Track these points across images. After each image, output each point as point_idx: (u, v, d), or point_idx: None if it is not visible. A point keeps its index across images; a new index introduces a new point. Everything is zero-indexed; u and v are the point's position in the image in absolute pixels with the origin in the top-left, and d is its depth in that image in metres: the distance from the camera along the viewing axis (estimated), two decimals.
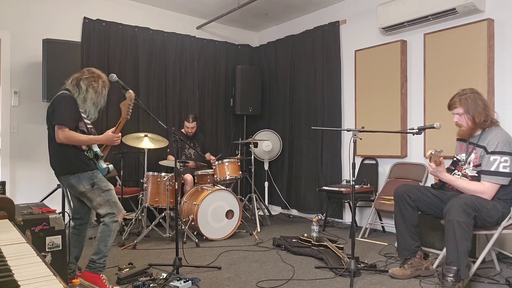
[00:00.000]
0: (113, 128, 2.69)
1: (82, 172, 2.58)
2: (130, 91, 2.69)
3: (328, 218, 4.77)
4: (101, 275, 2.63)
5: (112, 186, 2.72)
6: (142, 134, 4.37)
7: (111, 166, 2.80)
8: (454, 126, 2.91)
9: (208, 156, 4.95)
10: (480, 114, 2.70)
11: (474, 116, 2.71)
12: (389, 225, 4.32)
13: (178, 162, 4.30)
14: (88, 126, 2.72)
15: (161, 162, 4.56)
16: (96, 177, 2.63)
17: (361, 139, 3.16)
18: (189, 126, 4.88)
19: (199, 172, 4.50)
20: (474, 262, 2.73)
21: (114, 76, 2.67)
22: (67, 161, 2.58)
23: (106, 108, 4.92)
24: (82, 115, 2.69)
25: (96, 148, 2.71)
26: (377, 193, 4.32)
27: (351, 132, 2.90)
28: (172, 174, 4.07)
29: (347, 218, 4.95)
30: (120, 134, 2.71)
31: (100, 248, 2.64)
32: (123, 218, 4.53)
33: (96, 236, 2.67)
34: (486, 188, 2.63)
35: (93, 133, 2.75)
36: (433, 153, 2.63)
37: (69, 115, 2.55)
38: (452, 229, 2.48)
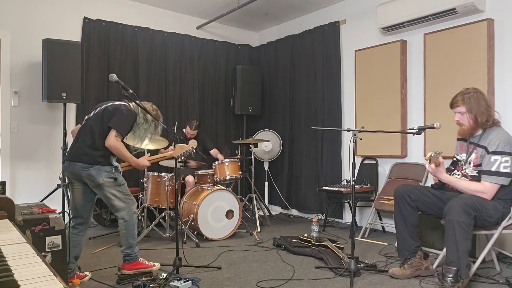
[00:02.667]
0: (151, 156, 2.86)
1: (103, 166, 2.69)
2: (195, 141, 2.95)
3: (328, 218, 4.77)
4: (139, 260, 2.85)
5: (125, 181, 2.85)
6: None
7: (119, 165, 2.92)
8: (454, 126, 2.91)
9: (215, 152, 4.86)
10: (483, 114, 2.70)
11: (477, 115, 2.71)
12: (389, 225, 4.32)
13: (179, 162, 4.29)
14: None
15: (161, 162, 4.55)
16: (115, 172, 2.75)
17: (361, 139, 3.16)
18: (190, 133, 4.85)
19: (199, 172, 4.50)
20: (474, 262, 2.72)
21: (114, 76, 2.68)
22: (93, 154, 2.68)
23: None
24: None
25: (115, 163, 2.81)
26: (377, 193, 4.32)
27: (351, 132, 2.90)
28: (172, 174, 4.07)
29: (347, 218, 4.95)
30: (149, 164, 2.90)
31: (130, 242, 2.81)
32: None
33: (120, 234, 2.81)
34: (486, 188, 2.62)
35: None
36: (432, 155, 2.63)
37: (128, 128, 2.75)
38: (452, 229, 2.48)
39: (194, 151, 2.94)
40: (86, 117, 2.83)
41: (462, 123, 2.80)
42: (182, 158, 2.91)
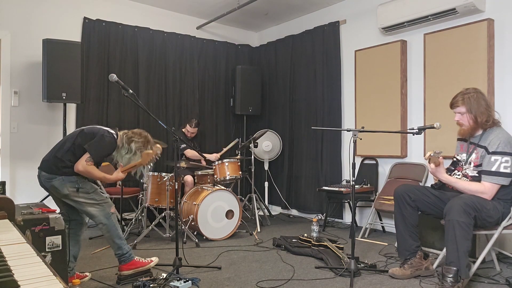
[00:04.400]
0: (122, 168, 2.78)
1: (68, 176, 2.64)
2: (159, 146, 2.89)
3: (328, 218, 4.77)
4: (134, 258, 2.81)
5: (96, 187, 2.77)
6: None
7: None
8: (454, 126, 2.91)
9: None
10: (483, 114, 2.70)
11: (477, 116, 2.71)
12: (389, 225, 4.32)
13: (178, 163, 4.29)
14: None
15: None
16: (81, 181, 2.68)
17: (361, 139, 3.16)
18: (190, 131, 4.88)
19: (199, 172, 4.50)
20: (474, 262, 2.72)
21: (114, 76, 2.68)
22: (57, 165, 2.64)
23: (106, 109, 4.93)
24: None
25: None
26: (377, 193, 4.32)
27: (351, 132, 2.90)
28: (172, 174, 4.07)
29: (347, 218, 4.95)
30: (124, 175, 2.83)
31: (117, 243, 2.75)
32: (124, 218, 4.57)
33: (105, 238, 2.77)
34: (486, 188, 2.62)
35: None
36: (432, 154, 2.63)
37: (103, 155, 2.70)
38: (452, 229, 2.48)
39: (158, 157, 2.91)
40: (68, 133, 2.83)
41: (462, 123, 2.80)
42: (151, 165, 2.87)
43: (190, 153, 4.79)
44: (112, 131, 2.78)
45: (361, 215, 4.79)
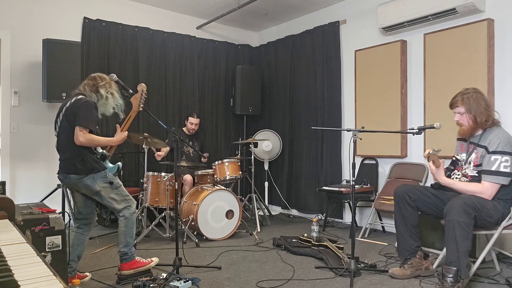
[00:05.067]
0: (122, 126, 2.78)
1: (96, 172, 2.67)
2: (142, 83, 2.84)
3: (328, 218, 4.77)
4: (135, 258, 2.84)
5: (121, 183, 2.84)
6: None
7: (120, 164, 2.89)
8: (454, 126, 2.91)
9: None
10: (482, 114, 2.70)
11: (476, 115, 2.71)
12: (389, 225, 4.32)
13: (179, 164, 4.29)
14: (97, 128, 2.78)
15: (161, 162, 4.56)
16: (110, 176, 2.73)
17: (361, 139, 3.16)
18: (194, 122, 4.86)
19: (199, 172, 4.50)
20: (474, 262, 2.73)
21: (114, 76, 2.70)
22: (82, 163, 2.65)
23: None
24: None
25: (100, 150, 2.78)
26: (377, 193, 4.32)
27: (351, 132, 2.90)
28: (172, 174, 4.07)
29: (347, 218, 4.95)
30: (127, 132, 2.84)
31: (128, 240, 2.80)
32: None
33: (119, 231, 2.80)
34: (485, 188, 2.63)
35: (99, 134, 2.80)
36: (431, 152, 2.64)
37: (92, 119, 2.66)
38: (452, 229, 2.48)
39: (145, 94, 2.86)
40: (56, 126, 2.75)
41: (461, 123, 2.81)
42: (142, 105, 2.82)
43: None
44: (80, 96, 2.74)
45: (361, 215, 4.79)
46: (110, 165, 2.81)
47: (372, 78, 4.61)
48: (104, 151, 2.80)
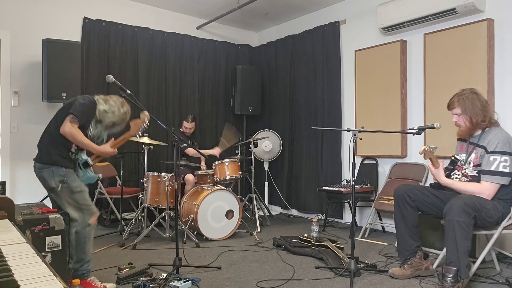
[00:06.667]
0: (113, 142, 2.70)
1: (57, 167, 2.53)
2: (146, 112, 2.76)
3: (328, 218, 4.77)
4: (88, 279, 2.57)
5: (86, 189, 2.64)
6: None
7: (100, 175, 2.81)
8: (454, 126, 2.91)
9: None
10: (477, 115, 2.71)
11: (472, 116, 2.72)
12: (389, 225, 4.32)
13: (179, 163, 4.29)
14: (89, 135, 2.72)
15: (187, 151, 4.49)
16: (69, 176, 2.55)
17: (361, 139, 3.16)
18: (188, 126, 4.88)
19: (199, 172, 4.50)
20: (474, 262, 2.73)
21: (110, 77, 2.67)
22: (49, 152, 2.56)
23: None
24: (90, 126, 2.68)
25: (85, 157, 2.70)
26: (377, 193, 4.32)
27: (351, 132, 2.90)
28: (172, 174, 4.07)
29: (347, 218, 4.95)
30: (116, 150, 2.73)
31: (80, 256, 2.55)
32: (124, 218, 4.56)
33: (70, 244, 2.54)
34: (484, 188, 2.63)
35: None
36: (426, 149, 2.65)
37: (84, 114, 2.57)
38: (452, 229, 2.48)
39: (147, 124, 2.79)
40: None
41: (459, 124, 2.82)
42: (140, 133, 2.77)
43: (191, 151, 4.77)
44: (86, 95, 2.71)
45: (361, 215, 4.79)
46: (92, 174, 2.71)
47: (372, 78, 4.61)
48: (88, 158, 2.70)
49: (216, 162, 4.42)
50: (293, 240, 3.75)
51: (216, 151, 4.71)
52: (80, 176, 2.69)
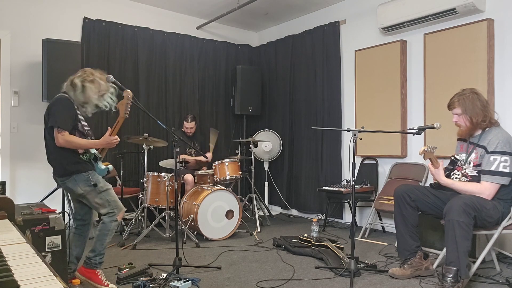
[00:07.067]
0: (110, 130, 2.68)
1: (78, 174, 2.59)
2: (128, 90, 2.72)
3: (328, 218, 4.77)
4: (96, 270, 2.65)
5: (110, 186, 2.72)
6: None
7: (110, 166, 2.82)
8: (454, 126, 2.91)
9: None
10: (478, 115, 2.71)
11: (472, 116, 2.72)
12: (389, 225, 4.32)
13: (178, 162, 4.29)
14: (85, 127, 2.72)
15: (161, 163, 4.55)
16: (94, 177, 2.63)
17: (361, 139, 3.16)
18: (188, 126, 4.88)
19: (199, 172, 4.50)
20: (474, 262, 2.73)
21: (110, 77, 2.67)
22: (62, 164, 2.60)
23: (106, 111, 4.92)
24: (80, 116, 2.69)
25: (93, 150, 2.72)
26: (377, 193, 4.32)
27: (351, 132, 2.90)
28: (172, 174, 4.07)
29: (347, 218, 4.95)
30: (117, 137, 2.72)
31: (97, 246, 2.66)
32: (123, 218, 4.56)
33: (94, 233, 2.69)
34: (484, 188, 2.63)
35: (89, 134, 2.75)
36: (426, 149, 2.65)
37: (66, 117, 2.57)
38: (452, 229, 2.48)
39: (132, 101, 2.74)
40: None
41: (459, 124, 2.82)
42: (128, 111, 2.72)
43: (191, 160, 4.75)
44: (58, 95, 2.69)
45: (361, 215, 4.79)
46: (102, 166, 2.74)
47: (372, 78, 4.62)
48: (96, 151, 2.73)
49: (216, 162, 4.42)
50: (293, 240, 3.75)
51: (209, 156, 4.71)
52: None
